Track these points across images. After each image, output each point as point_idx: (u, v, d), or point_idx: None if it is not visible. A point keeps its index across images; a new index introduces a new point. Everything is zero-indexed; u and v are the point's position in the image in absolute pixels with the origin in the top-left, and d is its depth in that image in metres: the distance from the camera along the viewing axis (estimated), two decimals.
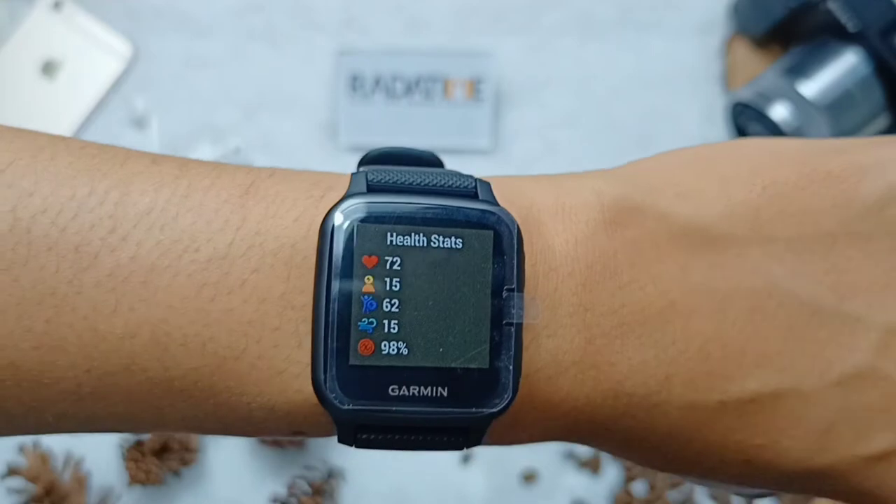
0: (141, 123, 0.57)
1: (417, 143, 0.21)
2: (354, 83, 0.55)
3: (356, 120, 0.55)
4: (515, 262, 0.18)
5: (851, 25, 0.50)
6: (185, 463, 0.51)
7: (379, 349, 0.17)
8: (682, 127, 0.56)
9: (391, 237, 0.18)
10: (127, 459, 0.50)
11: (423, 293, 0.18)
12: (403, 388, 0.17)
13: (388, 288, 0.18)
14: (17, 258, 0.17)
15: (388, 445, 0.18)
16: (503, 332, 0.18)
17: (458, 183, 0.19)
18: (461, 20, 0.57)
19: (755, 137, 0.21)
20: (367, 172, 0.19)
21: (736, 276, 0.19)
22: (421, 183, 0.19)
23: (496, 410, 0.18)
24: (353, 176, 0.19)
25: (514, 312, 0.18)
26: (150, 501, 0.52)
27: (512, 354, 0.18)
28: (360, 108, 0.55)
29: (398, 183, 0.19)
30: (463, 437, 0.18)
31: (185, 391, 0.18)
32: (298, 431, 0.19)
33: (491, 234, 0.18)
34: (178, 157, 0.20)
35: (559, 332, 0.19)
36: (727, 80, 0.56)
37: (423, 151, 0.20)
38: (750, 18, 0.55)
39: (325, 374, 0.17)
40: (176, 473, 0.51)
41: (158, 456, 0.51)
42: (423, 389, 0.18)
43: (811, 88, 0.50)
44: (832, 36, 0.51)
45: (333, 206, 0.18)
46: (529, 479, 0.52)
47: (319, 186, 0.19)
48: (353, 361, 0.17)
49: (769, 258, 0.19)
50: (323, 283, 0.17)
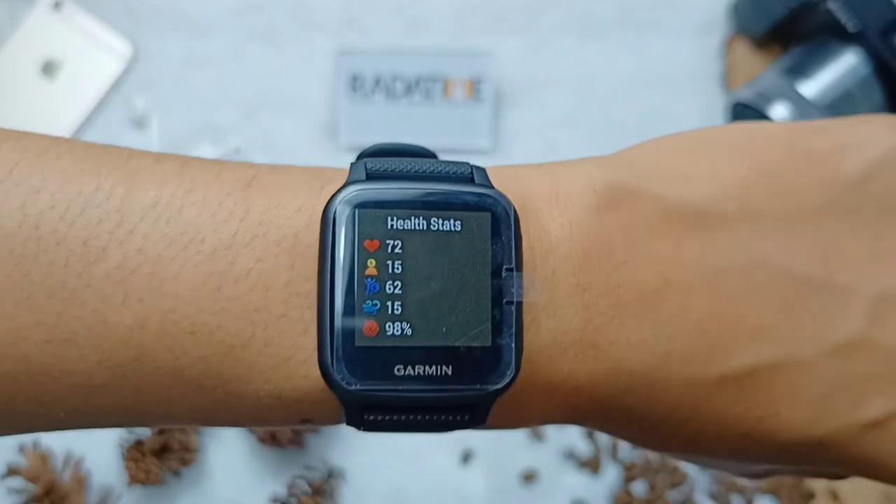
0: (141, 123, 0.57)
1: (417, 142, 0.21)
2: (354, 83, 0.55)
3: (356, 120, 0.55)
4: (513, 242, 0.19)
5: (851, 25, 0.50)
6: (185, 463, 0.51)
7: (384, 330, 0.18)
8: (682, 127, 0.56)
9: (391, 221, 0.18)
10: (127, 459, 0.50)
11: (424, 275, 0.18)
12: (409, 367, 0.18)
13: (390, 271, 0.18)
14: (27, 253, 0.18)
15: (394, 426, 0.19)
16: (504, 310, 0.18)
17: (454, 169, 0.20)
18: (461, 20, 0.57)
19: (742, 122, 0.21)
20: (366, 161, 0.20)
21: (728, 253, 0.19)
22: (419, 170, 0.19)
23: (500, 387, 0.18)
24: (352, 165, 0.20)
25: (513, 291, 0.18)
26: (150, 501, 0.52)
27: (513, 332, 0.18)
28: (360, 108, 0.55)
29: (396, 170, 0.19)
30: (468, 414, 0.19)
31: (194, 380, 0.18)
32: (307, 419, 0.19)
33: (489, 215, 0.19)
34: (179, 155, 0.20)
35: (558, 312, 0.19)
36: (727, 80, 0.56)
37: (418, 147, 0.21)
38: (750, 18, 0.55)
39: (331, 356, 0.18)
40: (176, 473, 0.51)
41: (158, 456, 0.51)
42: (427, 368, 0.18)
43: (811, 88, 0.50)
44: (832, 36, 0.51)
45: (334, 193, 0.18)
46: (529, 479, 0.52)
47: (320, 178, 0.19)
48: (358, 343, 0.18)
49: (759, 235, 0.20)
50: (327, 267, 0.18)
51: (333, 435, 0.53)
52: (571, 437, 0.53)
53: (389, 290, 0.18)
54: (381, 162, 0.20)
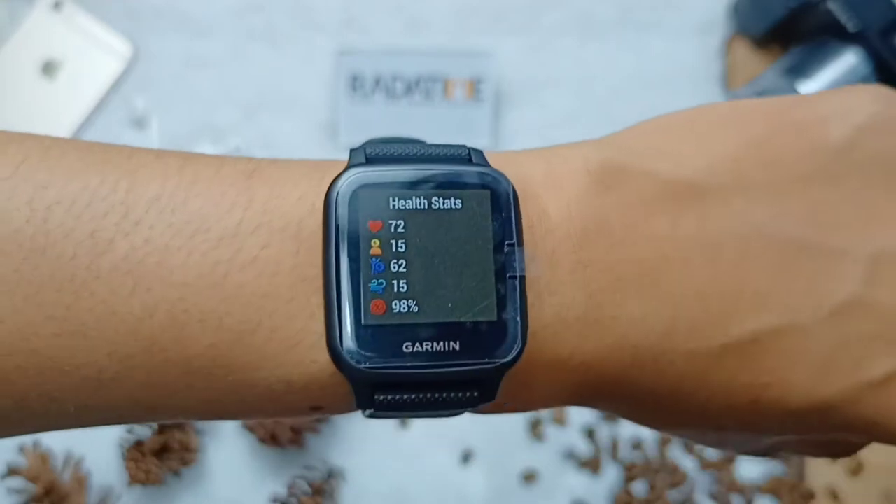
0: (141, 123, 0.57)
1: None
2: (354, 83, 0.55)
3: (356, 120, 0.55)
4: (513, 218, 0.19)
5: (851, 25, 0.50)
6: (185, 463, 0.51)
7: (390, 308, 0.18)
8: None
9: (393, 202, 0.19)
10: (127, 459, 0.50)
11: (428, 252, 0.19)
12: (416, 344, 0.18)
13: (394, 250, 0.18)
14: (35, 247, 0.18)
15: (404, 407, 0.19)
16: (508, 285, 0.19)
17: (452, 151, 0.20)
18: (461, 20, 0.57)
19: (729, 100, 0.22)
20: (365, 147, 0.20)
21: (723, 224, 0.20)
22: (417, 153, 0.20)
23: (508, 360, 0.18)
24: (352, 151, 0.20)
25: (516, 266, 0.19)
26: (150, 501, 0.52)
27: (518, 306, 0.19)
28: (360, 108, 0.55)
29: (396, 154, 0.20)
30: (477, 390, 0.19)
31: (203, 369, 0.18)
32: (317, 407, 0.19)
33: (488, 193, 0.19)
34: (180, 151, 0.20)
35: (561, 289, 0.19)
36: (727, 80, 0.56)
37: (414, 139, 0.21)
38: (750, 18, 0.55)
39: (339, 335, 0.18)
40: (176, 473, 0.51)
41: (158, 456, 0.51)
42: (435, 345, 0.18)
43: (811, 88, 0.50)
44: (832, 36, 0.51)
45: (336, 177, 0.19)
46: (529, 479, 0.52)
47: (319, 169, 0.20)
48: (366, 321, 0.18)
49: (752, 205, 0.20)
50: (331, 248, 0.18)
51: (333, 435, 0.53)
52: (571, 437, 0.53)
53: (394, 268, 0.18)
54: (380, 147, 0.20)
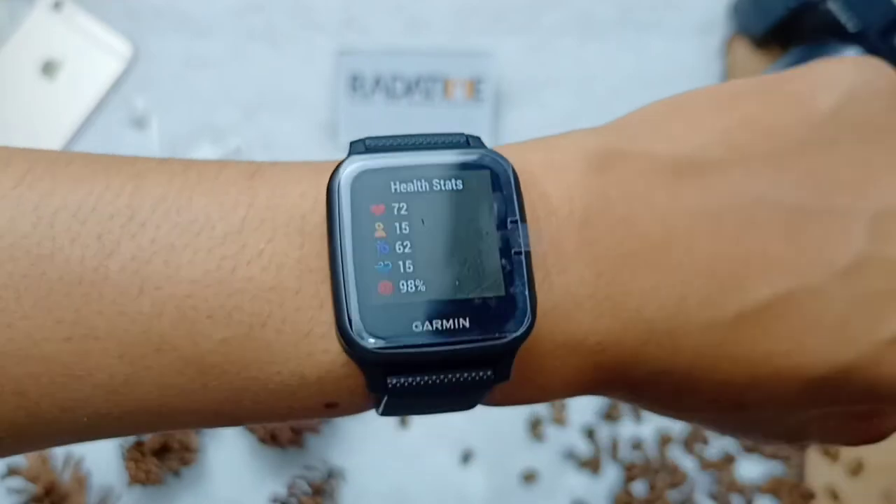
0: (141, 123, 0.57)
1: None
2: (354, 83, 0.55)
3: (356, 120, 0.55)
4: (515, 196, 0.19)
5: (851, 25, 0.50)
6: (185, 463, 0.51)
7: (397, 288, 0.18)
8: None
9: (395, 186, 0.19)
10: (127, 459, 0.50)
11: (432, 233, 0.19)
12: (426, 322, 0.18)
13: (398, 232, 0.19)
14: (42, 252, 0.18)
15: (418, 391, 0.19)
16: (513, 260, 0.19)
17: (450, 138, 0.20)
18: (461, 20, 0.57)
19: (718, 83, 0.23)
20: (364, 139, 0.20)
21: (725, 195, 0.20)
22: (416, 141, 0.20)
23: (519, 334, 0.18)
24: (351, 144, 0.20)
25: (521, 241, 0.19)
26: (150, 501, 0.52)
27: (525, 281, 0.19)
28: (360, 108, 0.55)
29: (395, 143, 0.20)
30: (491, 369, 0.19)
31: (216, 367, 0.18)
32: (332, 404, 0.19)
33: (488, 173, 0.19)
34: (182, 158, 0.20)
35: (569, 267, 0.19)
36: (727, 80, 0.56)
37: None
38: (750, 18, 0.55)
39: (348, 317, 0.18)
40: (176, 473, 0.51)
41: (158, 456, 0.51)
42: (445, 322, 0.18)
43: None
44: (832, 36, 0.51)
45: (337, 166, 0.19)
46: (529, 479, 0.52)
47: (320, 168, 0.20)
48: (374, 302, 0.18)
49: (751, 175, 0.20)
50: (336, 233, 0.18)
51: (333, 435, 0.53)
52: (571, 437, 0.53)
53: (399, 249, 0.19)
54: (379, 138, 0.20)
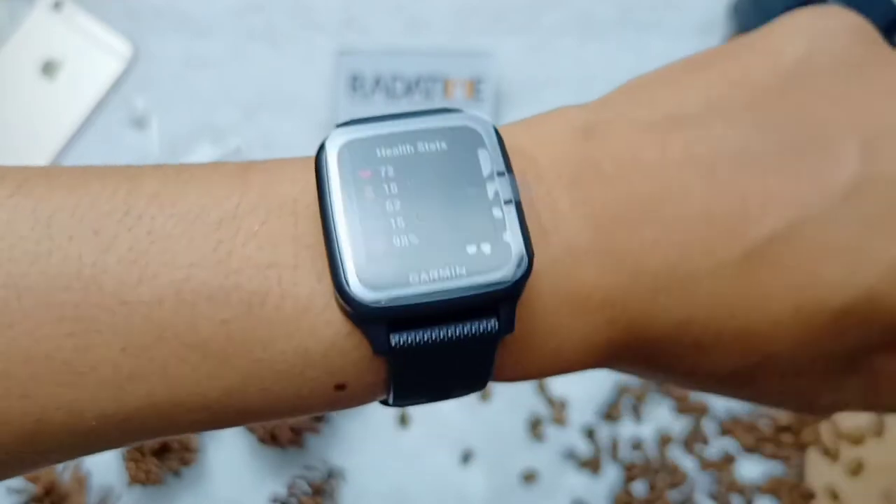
0: (141, 123, 0.57)
1: None
2: (354, 83, 0.55)
3: None
4: (500, 150, 0.20)
5: None
6: (185, 463, 0.51)
7: (391, 244, 0.18)
8: None
9: (380, 151, 0.19)
10: (127, 459, 0.50)
11: (420, 191, 0.19)
12: (422, 273, 0.18)
13: (387, 192, 0.19)
14: (41, 251, 0.18)
15: (424, 351, 0.19)
16: (504, 210, 0.19)
17: (429, 110, 0.21)
18: (461, 20, 0.57)
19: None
20: (348, 120, 0.21)
21: (710, 144, 0.20)
22: (397, 114, 0.21)
23: (518, 277, 0.18)
24: (337, 125, 0.21)
25: (509, 190, 0.19)
26: (150, 501, 0.52)
27: (518, 228, 0.19)
28: (360, 108, 0.55)
29: (377, 117, 0.20)
30: (494, 317, 0.19)
31: (220, 352, 0.18)
32: (340, 384, 0.19)
33: (470, 132, 0.20)
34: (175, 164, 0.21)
35: (564, 224, 0.20)
36: None
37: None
38: (750, 18, 0.55)
39: (345, 277, 0.18)
40: (176, 473, 0.51)
41: (158, 456, 0.51)
42: (441, 271, 0.18)
43: None
44: None
45: (324, 140, 0.20)
46: (529, 479, 0.52)
47: (309, 161, 0.20)
48: (368, 259, 0.18)
49: (733, 123, 0.20)
50: (326, 199, 0.19)
51: (333, 435, 0.53)
52: (571, 437, 0.53)
53: (389, 209, 0.19)
54: (361, 118, 0.21)
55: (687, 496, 0.52)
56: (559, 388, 0.54)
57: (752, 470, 0.52)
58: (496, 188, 0.19)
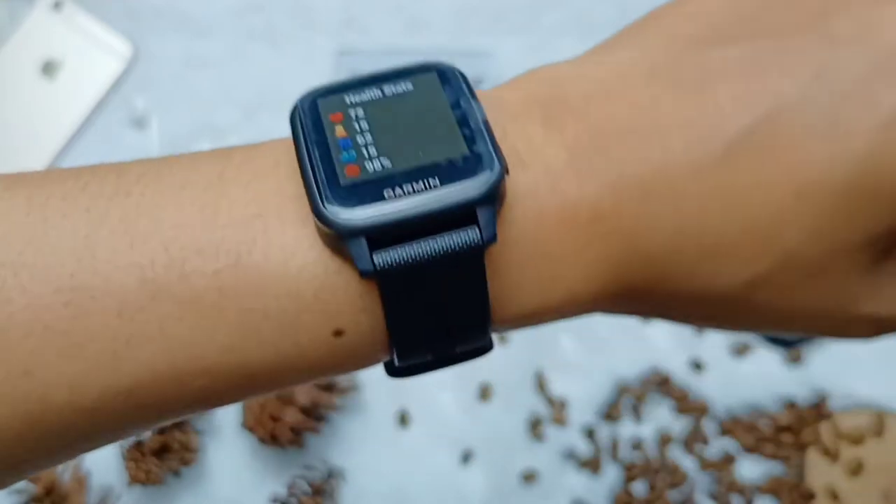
0: (141, 123, 0.57)
1: None
2: None
3: None
4: (464, 84, 0.21)
5: None
6: (185, 463, 0.51)
7: (364, 169, 0.19)
8: None
9: (349, 98, 0.20)
10: (127, 459, 0.50)
11: (390, 123, 0.20)
12: (397, 188, 0.19)
13: (358, 129, 0.20)
14: (35, 232, 0.19)
15: (409, 269, 0.19)
16: (472, 128, 0.20)
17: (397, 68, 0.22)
18: (461, 20, 0.57)
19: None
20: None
21: (672, 62, 0.21)
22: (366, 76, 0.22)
23: (492, 181, 0.19)
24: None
25: (476, 113, 0.20)
26: (150, 501, 0.52)
27: (487, 140, 0.19)
28: None
29: (346, 80, 0.21)
30: (475, 225, 0.19)
31: (214, 306, 0.19)
32: (338, 330, 0.19)
33: (435, 73, 0.21)
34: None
35: (540, 153, 0.20)
36: None
37: None
38: None
39: (322, 203, 0.19)
40: (176, 473, 0.51)
41: (158, 456, 0.51)
42: (415, 185, 0.19)
43: None
44: None
45: (295, 101, 0.21)
46: (529, 479, 0.52)
47: (287, 137, 0.21)
48: (343, 183, 0.19)
49: (691, 42, 0.21)
50: (301, 142, 0.20)
51: (333, 435, 0.53)
52: (571, 437, 0.53)
53: (360, 141, 0.19)
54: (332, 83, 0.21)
55: (687, 496, 0.52)
56: (559, 388, 0.54)
57: (752, 470, 0.52)
58: (462, 112, 0.20)
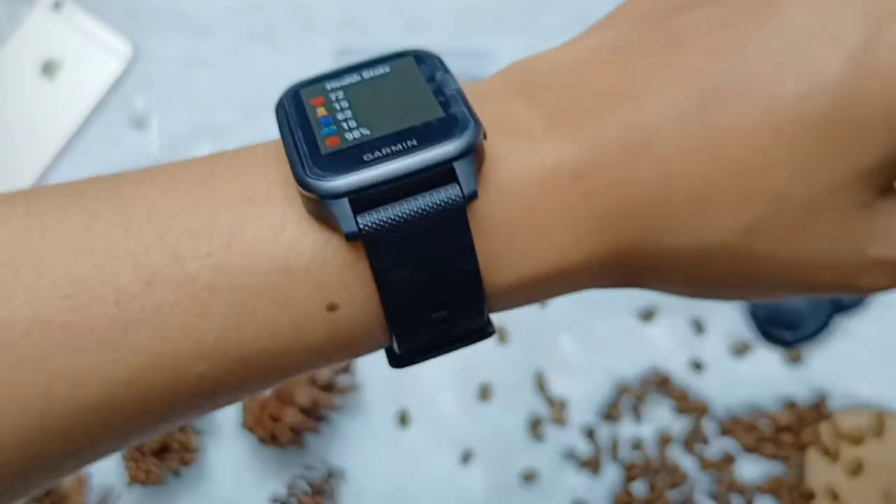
0: (141, 123, 0.57)
1: None
2: None
3: None
4: (438, 62, 0.21)
5: None
6: (185, 463, 0.51)
7: (344, 139, 0.20)
8: None
9: (329, 85, 0.21)
10: (127, 459, 0.50)
11: (369, 102, 0.21)
12: (376, 151, 0.19)
13: (338, 108, 0.20)
14: (33, 235, 0.20)
15: (394, 229, 0.19)
16: (448, 96, 0.20)
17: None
18: (461, 20, 0.57)
19: None
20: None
21: (635, 33, 0.21)
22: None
23: (470, 137, 0.19)
24: None
25: (450, 83, 0.21)
26: (150, 501, 0.52)
27: (462, 103, 0.20)
28: None
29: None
30: (455, 182, 0.19)
31: (208, 286, 0.19)
32: (332, 305, 0.20)
33: (411, 56, 0.22)
34: None
35: (517, 122, 0.21)
36: None
37: None
38: None
39: (305, 172, 0.19)
40: (176, 473, 0.51)
41: (158, 456, 0.51)
42: (393, 147, 0.19)
43: None
44: None
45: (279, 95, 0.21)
46: (529, 479, 0.52)
47: (275, 140, 0.22)
48: (324, 152, 0.19)
49: (654, 17, 0.21)
50: (285, 125, 0.20)
51: (333, 435, 0.53)
52: (571, 437, 0.53)
53: (341, 117, 0.20)
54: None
55: (687, 496, 0.52)
56: (559, 388, 0.54)
57: (752, 470, 0.52)
58: (437, 83, 0.21)
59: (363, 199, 0.19)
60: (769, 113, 0.19)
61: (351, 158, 0.19)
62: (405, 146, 0.19)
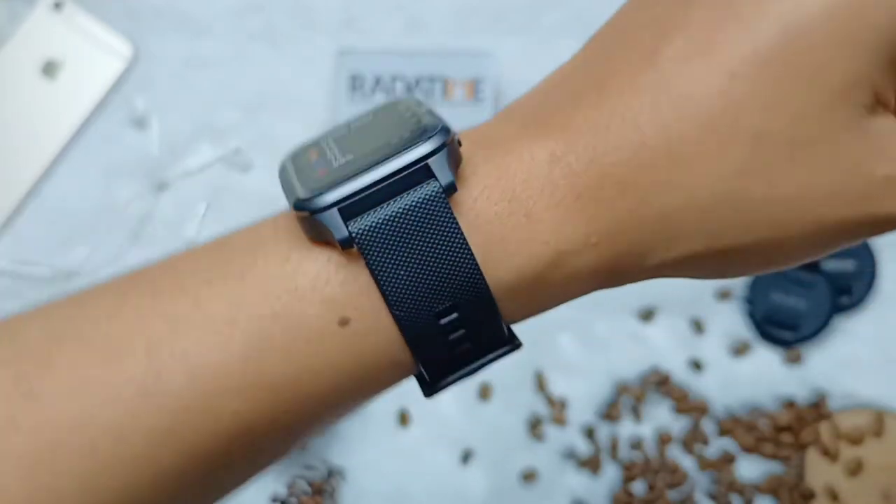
0: (141, 123, 0.57)
1: None
2: (354, 83, 0.55)
3: None
4: (416, 101, 0.23)
5: None
6: None
7: (331, 167, 0.21)
8: None
9: (323, 140, 0.23)
10: None
11: (353, 136, 0.23)
12: (359, 167, 0.21)
13: (328, 150, 0.23)
14: (122, 349, 0.21)
15: (384, 230, 0.20)
16: (420, 113, 0.22)
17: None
18: (461, 20, 0.57)
19: None
20: None
21: (615, 42, 0.23)
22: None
23: (442, 138, 0.20)
24: None
25: (423, 107, 0.22)
26: None
27: (434, 115, 0.22)
28: (360, 108, 0.55)
29: None
30: (433, 178, 0.20)
31: (227, 320, 0.20)
32: (344, 319, 0.20)
33: (393, 105, 0.24)
34: None
35: (491, 129, 0.23)
36: None
37: None
38: None
39: (297, 192, 0.21)
40: None
41: None
42: (373, 159, 0.21)
43: None
44: None
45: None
46: (529, 478, 0.52)
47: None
48: (315, 183, 0.21)
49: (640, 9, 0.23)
50: (284, 178, 0.22)
51: (333, 435, 0.53)
52: (571, 436, 0.53)
53: (329, 155, 0.22)
54: None
55: (686, 496, 0.52)
56: (559, 387, 0.54)
57: (751, 470, 0.52)
58: (412, 112, 0.22)
59: (351, 207, 0.20)
60: (719, 57, 0.20)
61: (337, 178, 0.20)
62: (384, 157, 0.20)
